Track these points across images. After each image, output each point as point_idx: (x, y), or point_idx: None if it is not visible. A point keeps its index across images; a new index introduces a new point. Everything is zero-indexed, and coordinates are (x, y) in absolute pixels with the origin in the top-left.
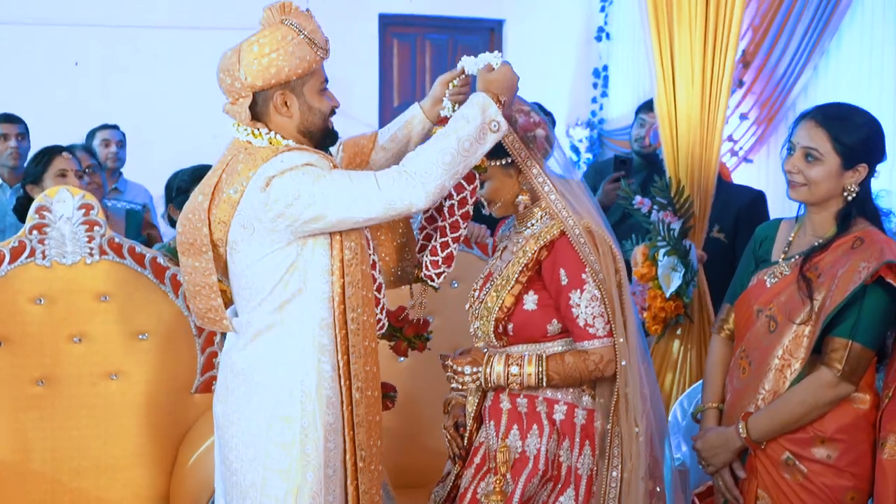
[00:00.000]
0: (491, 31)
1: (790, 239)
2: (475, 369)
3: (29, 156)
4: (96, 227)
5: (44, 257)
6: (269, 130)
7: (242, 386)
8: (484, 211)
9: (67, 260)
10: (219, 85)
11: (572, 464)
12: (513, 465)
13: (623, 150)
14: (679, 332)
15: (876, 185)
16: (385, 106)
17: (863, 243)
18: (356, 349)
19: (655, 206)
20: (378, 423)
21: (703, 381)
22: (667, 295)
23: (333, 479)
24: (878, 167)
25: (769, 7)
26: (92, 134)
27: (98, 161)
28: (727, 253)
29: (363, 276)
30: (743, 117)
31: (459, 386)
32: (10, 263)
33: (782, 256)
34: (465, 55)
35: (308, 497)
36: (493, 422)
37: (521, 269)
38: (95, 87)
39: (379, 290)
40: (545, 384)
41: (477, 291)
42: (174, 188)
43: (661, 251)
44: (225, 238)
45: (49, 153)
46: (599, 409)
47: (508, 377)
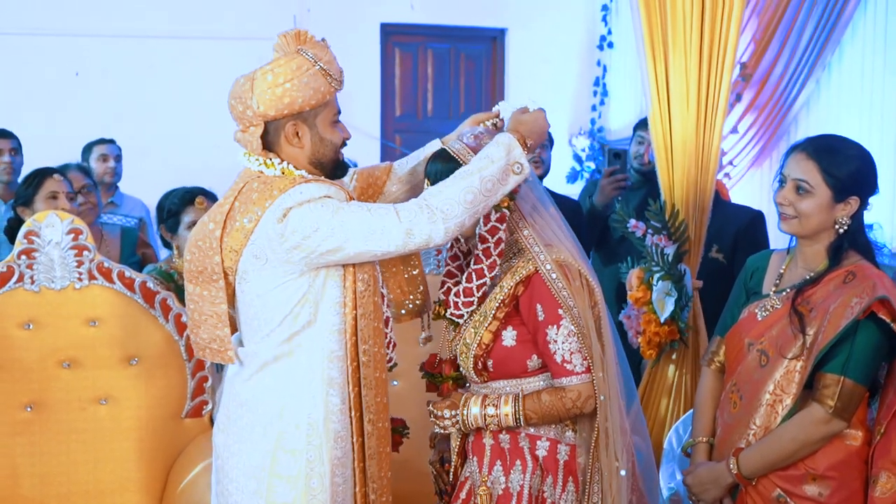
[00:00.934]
0: (493, 39)
1: (781, 271)
2: (454, 413)
3: (22, 171)
4: (85, 252)
5: (32, 282)
6: (282, 160)
7: (246, 416)
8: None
9: (56, 285)
10: (230, 111)
11: (556, 500)
12: (496, 501)
13: None
14: (674, 356)
15: (869, 217)
16: (387, 115)
17: (854, 277)
18: (368, 381)
19: (650, 230)
20: (388, 454)
21: (692, 415)
22: (661, 320)
23: None
24: (874, 199)
25: (770, 20)
26: (88, 149)
27: (93, 180)
28: (725, 273)
29: (375, 307)
30: (733, 131)
31: (441, 430)
32: None
33: (773, 289)
34: (500, 101)
35: None
36: (476, 458)
37: (497, 304)
38: (94, 98)
39: (386, 323)
40: (523, 423)
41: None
42: (165, 209)
43: (656, 276)
44: (235, 267)
45: (40, 175)
46: (581, 444)
47: (486, 418)
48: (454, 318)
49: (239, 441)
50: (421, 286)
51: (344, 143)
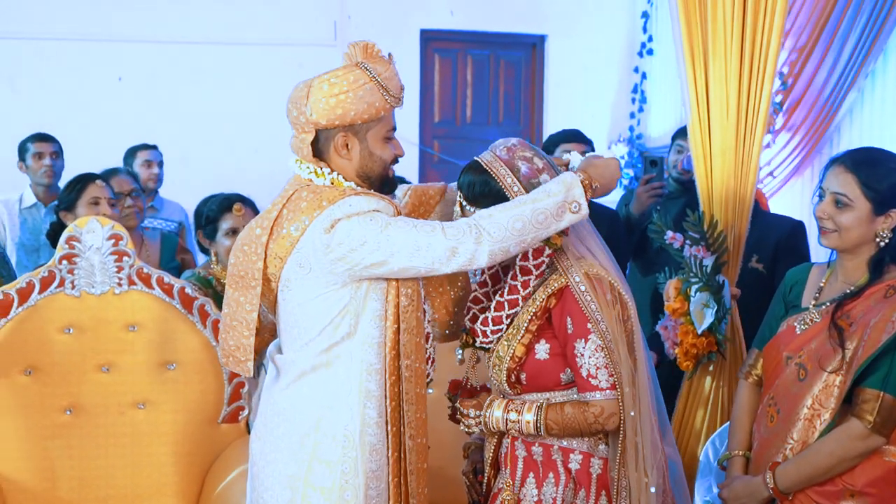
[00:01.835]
0: (533, 46)
1: (821, 285)
2: (479, 413)
3: (63, 174)
4: (125, 258)
5: (73, 287)
6: (332, 170)
7: (283, 426)
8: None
9: (96, 290)
10: (286, 115)
11: None
12: None
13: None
14: (711, 368)
15: None
16: (425, 121)
17: None
18: (409, 396)
19: (688, 241)
20: (425, 470)
21: (729, 428)
22: (699, 331)
23: None
24: None
25: (813, 29)
26: (132, 154)
27: (140, 185)
28: (765, 284)
29: (417, 322)
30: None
31: (465, 428)
32: (39, 293)
33: (813, 303)
34: (572, 151)
35: None
36: (508, 469)
37: (530, 317)
38: (135, 102)
39: (426, 339)
40: (543, 433)
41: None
42: (203, 216)
43: (694, 287)
44: (278, 274)
45: (83, 181)
46: (614, 457)
47: (507, 423)
48: (484, 346)
49: (275, 450)
50: (464, 308)
51: (395, 160)
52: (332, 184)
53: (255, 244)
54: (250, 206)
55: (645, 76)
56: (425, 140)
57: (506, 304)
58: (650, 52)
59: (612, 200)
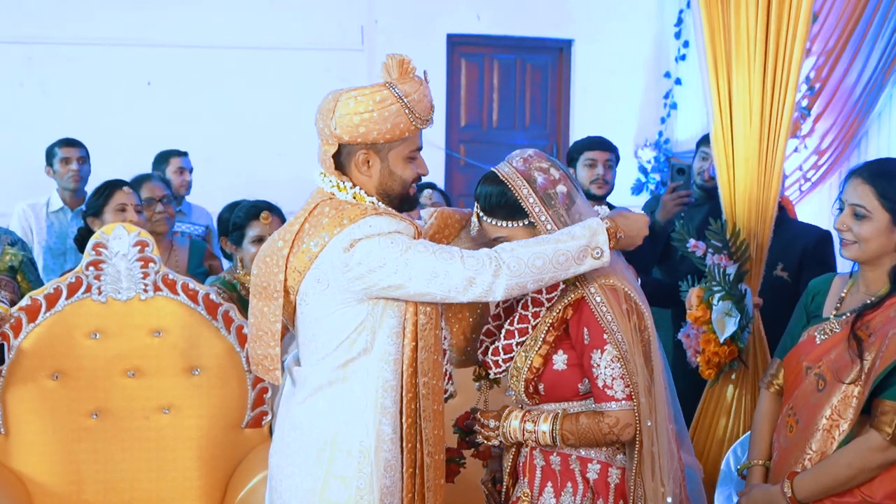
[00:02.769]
0: (559, 51)
1: (843, 295)
2: (497, 423)
3: (90, 179)
4: (151, 264)
5: (100, 293)
6: (354, 185)
7: (299, 440)
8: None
9: (122, 296)
10: (315, 124)
11: None
12: None
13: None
14: (734, 377)
15: None
16: (452, 125)
17: None
18: (427, 413)
19: (710, 250)
20: (442, 486)
21: (749, 437)
22: (721, 340)
23: None
24: None
25: (841, 33)
26: (164, 159)
27: (171, 191)
28: (790, 292)
29: (435, 340)
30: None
31: (485, 440)
32: (66, 299)
33: (834, 313)
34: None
35: None
36: (527, 478)
37: (547, 328)
38: (163, 107)
39: (443, 355)
40: (559, 443)
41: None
42: (230, 223)
43: (716, 296)
44: (297, 287)
45: (110, 187)
46: (629, 467)
47: (524, 433)
48: (497, 376)
49: (292, 464)
50: (479, 333)
51: (418, 179)
52: (354, 198)
53: (277, 256)
54: (278, 215)
55: (679, 81)
56: (451, 144)
57: (515, 332)
58: (682, 57)
59: (639, 203)
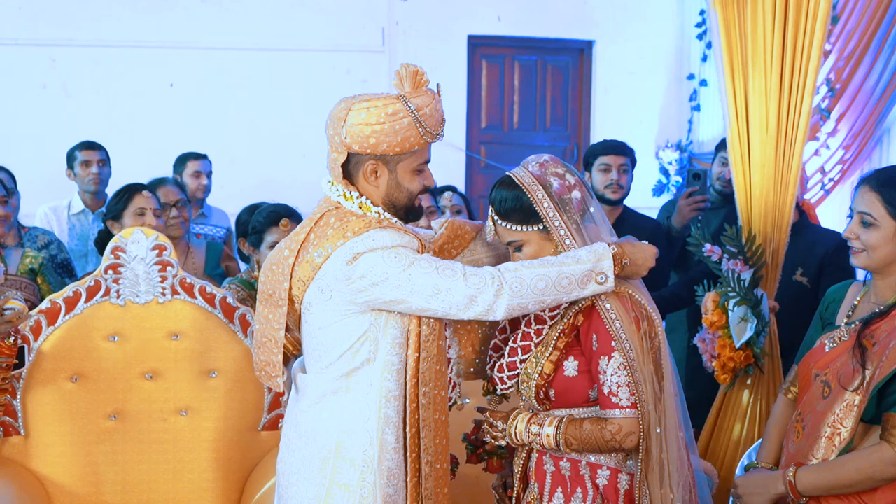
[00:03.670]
0: (580, 52)
1: (855, 303)
2: (505, 425)
3: (111, 181)
4: (169, 268)
5: (118, 296)
6: (360, 195)
7: (304, 448)
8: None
9: (141, 299)
10: (325, 130)
11: None
12: None
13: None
14: (749, 382)
15: None
16: (472, 127)
17: None
18: (427, 422)
19: (725, 255)
20: (445, 495)
21: (761, 441)
22: (737, 345)
23: None
24: None
25: (862, 35)
26: (182, 162)
27: (187, 196)
28: (809, 298)
29: (439, 350)
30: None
31: (492, 440)
32: (86, 302)
33: (845, 321)
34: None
35: None
36: (537, 484)
37: (558, 334)
38: (185, 109)
39: (448, 364)
40: (562, 447)
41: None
42: (250, 226)
43: (732, 301)
44: (301, 297)
45: (130, 191)
46: (636, 474)
47: (529, 435)
48: (504, 392)
49: (297, 472)
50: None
51: (425, 191)
52: (360, 208)
53: (283, 265)
54: (297, 221)
55: (705, 82)
56: (472, 145)
57: (518, 349)
58: (706, 58)
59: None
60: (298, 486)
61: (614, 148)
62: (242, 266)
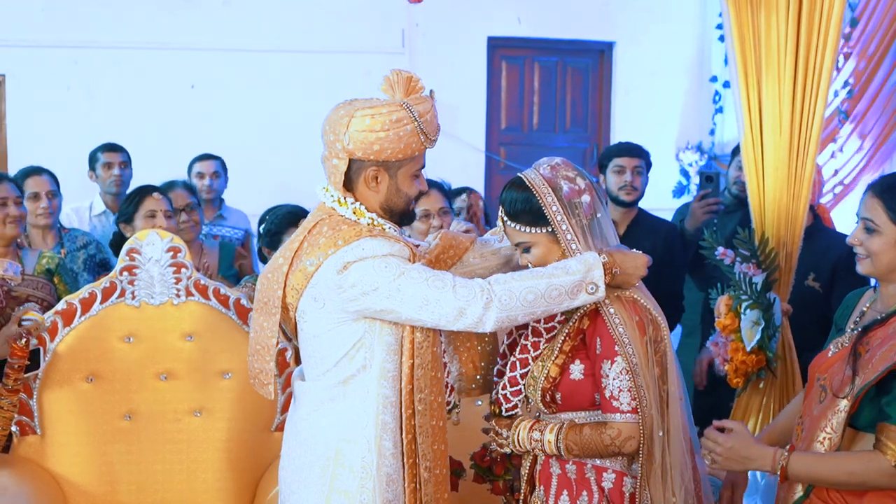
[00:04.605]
0: (601, 53)
1: (864, 310)
2: (509, 432)
3: (132, 183)
4: (183, 269)
5: (133, 298)
6: (355, 200)
7: (304, 456)
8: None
9: (155, 300)
10: (322, 135)
11: None
12: None
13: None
14: (762, 385)
15: None
16: (492, 128)
17: None
18: (423, 429)
19: (738, 258)
20: (447, 500)
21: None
22: (748, 348)
23: None
24: None
25: (883, 36)
26: (191, 164)
27: (197, 199)
28: (821, 303)
29: (433, 357)
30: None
31: (498, 448)
32: (101, 303)
33: (852, 326)
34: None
35: None
36: (543, 487)
37: (564, 338)
38: (206, 111)
39: (444, 368)
40: (563, 454)
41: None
42: (265, 228)
43: (744, 304)
44: (296, 304)
45: (140, 193)
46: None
47: (531, 441)
48: (510, 413)
49: (298, 479)
50: (493, 362)
51: (419, 196)
52: (354, 213)
53: (277, 273)
54: None
55: (728, 84)
56: (492, 147)
57: (517, 363)
58: (726, 60)
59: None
60: (300, 493)
61: (629, 150)
62: (260, 267)
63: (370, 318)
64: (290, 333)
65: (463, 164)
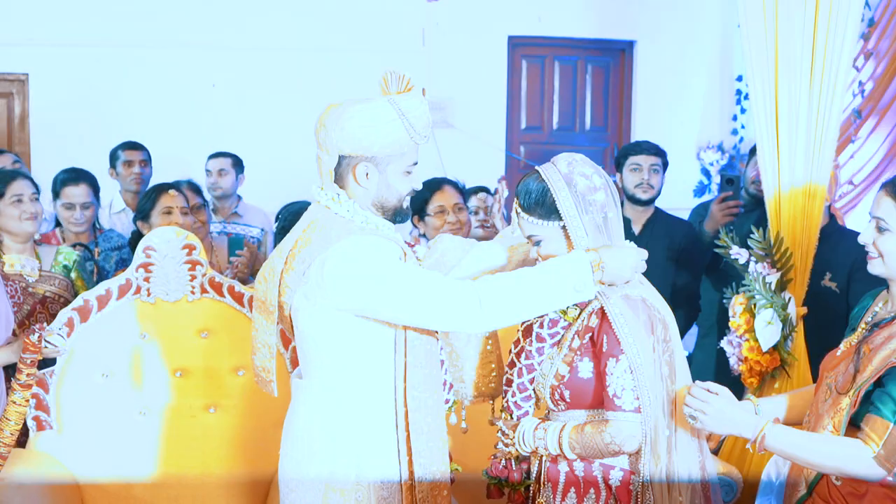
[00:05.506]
0: (621, 52)
1: (877, 309)
2: (514, 433)
3: (151, 181)
4: (198, 267)
5: (149, 294)
6: (349, 198)
7: (300, 452)
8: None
9: (170, 297)
10: (314, 132)
11: None
12: None
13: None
14: (777, 385)
15: None
16: (512, 127)
17: None
18: (417, 426)
19: (753, 258)
20: (445, 497)
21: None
22: (763, 349)
23: None
24: None
25: None
26: (207, 162)
27: (204, 198)
28: (838, 303)
29: (426, 354)
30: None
31: (504, 448)
32: (117, 299)
33: (863, 326)
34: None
35: None
36: (550, 484)
37: (573, 336)
38: (226, 109)
39: (440, 367)
40: (566, 453)
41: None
42: (279, 224)
43: (758, 304)
44: (290, 303)
45: (157, 191)
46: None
47: (535, 441)
48: (518, 418)
49: (295, 477)
50: (495, 370)
51: (412, 193)
52: (348, 212)
53: (274, 272)
54: None
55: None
56: (511, 146)
57: (524, 369)
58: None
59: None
60: (297, 491)
61: (645, 148)
62: None
63: (362, 317)
64: (288, 332)
65: (483, 163)
